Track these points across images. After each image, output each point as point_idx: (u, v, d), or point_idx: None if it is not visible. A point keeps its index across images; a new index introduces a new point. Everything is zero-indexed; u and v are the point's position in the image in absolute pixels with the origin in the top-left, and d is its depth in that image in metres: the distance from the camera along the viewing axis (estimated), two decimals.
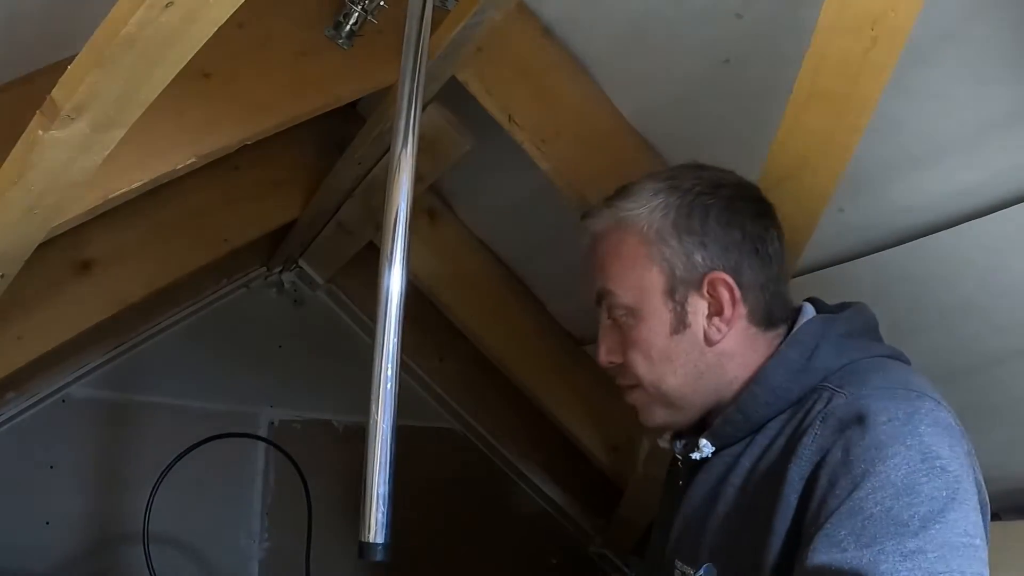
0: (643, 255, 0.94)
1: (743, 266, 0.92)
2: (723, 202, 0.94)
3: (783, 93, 0.94)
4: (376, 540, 0.84)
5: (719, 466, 0.92)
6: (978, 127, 0.96)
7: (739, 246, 0.93)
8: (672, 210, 0.94)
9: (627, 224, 0.96)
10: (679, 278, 0.93)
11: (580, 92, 1.30)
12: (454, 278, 1.84)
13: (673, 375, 0.94)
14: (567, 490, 2.24)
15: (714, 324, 0.92)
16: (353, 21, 1.28)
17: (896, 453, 0.73)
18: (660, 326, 0.93)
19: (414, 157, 0.92)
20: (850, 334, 0.90)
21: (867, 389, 0.80)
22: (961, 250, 1.04)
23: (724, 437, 0.92)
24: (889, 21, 0.80)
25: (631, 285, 0.95)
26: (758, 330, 0.93)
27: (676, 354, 0.93)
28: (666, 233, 0.93)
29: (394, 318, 0.87)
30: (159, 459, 1.81)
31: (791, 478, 0.79)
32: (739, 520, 0.86)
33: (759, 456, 0.87)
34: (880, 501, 0.71)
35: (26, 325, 1.45)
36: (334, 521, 1.78)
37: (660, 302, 0.93)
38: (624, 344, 0.97)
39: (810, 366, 0.87)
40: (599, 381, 1.93)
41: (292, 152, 1.77)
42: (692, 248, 0.92)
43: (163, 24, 0.67)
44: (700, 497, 0.93)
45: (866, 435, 0.75)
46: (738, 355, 0.93)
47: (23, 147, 0.82)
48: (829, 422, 0.79)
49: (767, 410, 0.88)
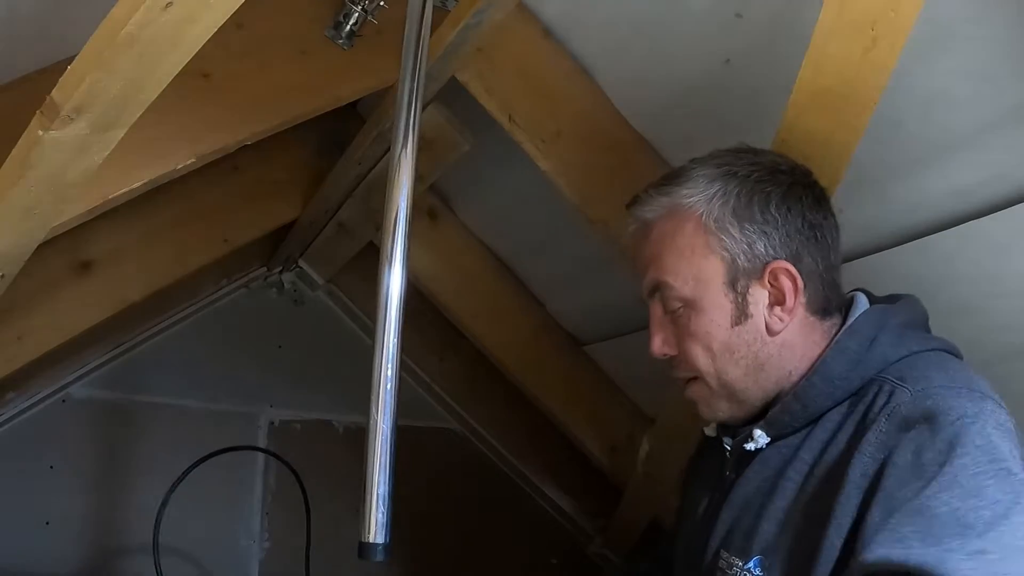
0: (702, 244, 0.90)
1: (803, 254, 0.90)
2: (783, 188, 0.91)
3: (783, 93, 0.94)
4: (376, 540, 0.84)
5: (775, 458, 0.90)
6: (978, 127, 0.96)
7: (800, 233, 0.90)
8: (732, 197, 0.90)
9: (683, 212, 0.92)
10: (741, 268, 0.89)
11: (580, 92, 1.30)
12: (454, 278, 1.84)
13: (735, 367, 0.91)
14: (567, 490, 2.24)
15: (776, 314, 0.90)
16: (353, 21, 1.28)
17: (965, 454, 0.72)
18: (721, 318, 0.90)
19: (414, 157, 0.92)
20: (907, 324, 0.89)
21: (932, 387, 0.79)
22: (961, 250, 1.04)
23: (781, 427, 0.89)
24: (889, 21, 0.80)
25: (690, 276, 0.91)
26: (816, 319, 0.91)
27: (738, 346, 0.90)
28: (726, 222, 0.90)
29: (394, 318, 0.87)
30: (159, 459, 1.82)
31: (852, 475, 0.78)
32: (799, 515, 0.84)
33: (820, 450, 0.85)
34: (947, 502, 0.71)
35: (26, 325, 1.45)
36: (334, 521, 1.78)
37: (721, 293, 0.90)
38: (681, 336, 0.93)
39: (869, 356, 0.86)
40: (599, 381, 1.93)
41: (292, 152, 1.78)
42: (754, 237, 0.89)
43: (163, 24, 0.67)
44: (754, 489, 0.91)
45: (936, 436, 0.74)
46: (798, 345, 0.90)
47: (23, 147, 0.81)
48: (894, 420, 0.78)
49: (826, 400, 0.86)
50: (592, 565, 2.19)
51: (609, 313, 1.76)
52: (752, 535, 0.88)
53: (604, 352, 1.89)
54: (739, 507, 0.92)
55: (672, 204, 0.93)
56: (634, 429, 1.85)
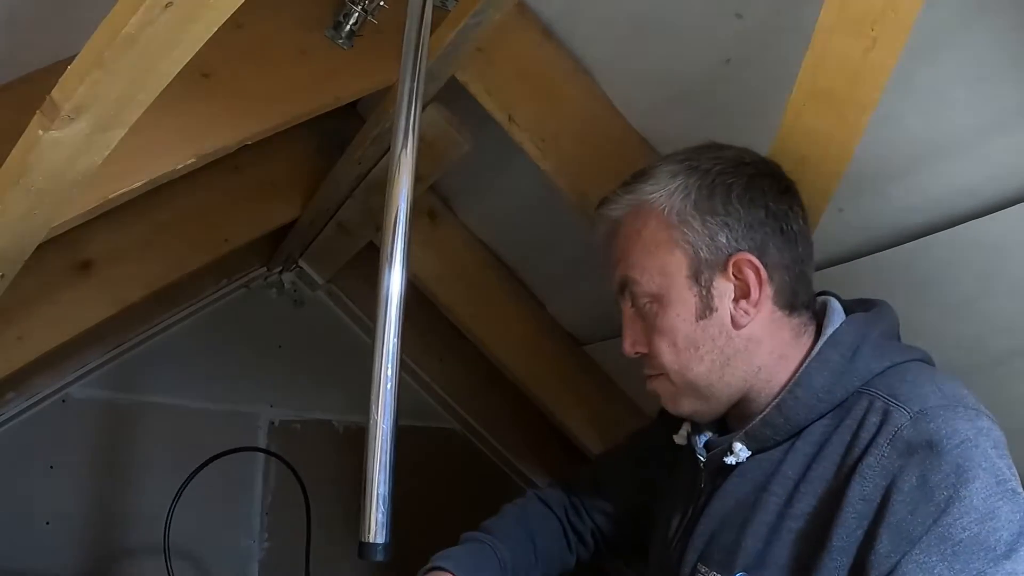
0: (665, 239, 0.91)
1: (768, 246, 0.90)
2: (745, 180, 0.91)
3: (783, 93, 0.94)
4: (376, 540, 0.84)
5: (755, 471, 0.89)
6: (978, 127, 0.96)
7: (763, 225, 0.90)
8: (693, 191, 0.90)
9: (646, 208, 0.92)
10: (704, 260, 0.90)
11: (580, 92, 1.30)
12: (454, 278, 1.84)
13: (699, 362, 0.90)
14: None
15: (741, 307, 0.89)
16: (353, 21, 1.28)
17: (976, 477, 0.73)
18: (686, 312, 0.90)
19: (414, 157, 0.91)
20: (886, 335, 0.89)
21: (930, 408, 0.78)
22: (961, 250, 1.04)
23: (762, 440, 0.89)
24: (889, 21, 0.80)
25: (654, 271, 0.92)
26: (783, 314, 0.91)
27: (703, 340, 0.90)
28: (688, 215, 0.90)
29: (394, 318, 0.87)
30: (159, 459, 1.82)
31: (851, 497, 0.78)
32: (785, 531, 0.83)
33: (806, 465, 0.84)
34: (967, 527, 0.71)
35: (26, 325, 1.45)
36: (334, 521, 1.78)
37: (685, 287, 0.90)
38: (649, 332, 0.94)
39: (852, 368, 0.85)
40: (599, 381, 1.93)
41: (292, 152, 1.78)
42: (715, 229, 0.89)
43: (163, 24, 0.67)
44: (734, 503, 0.90)
45: (941, 461, 0.74)
46: (765, 340, 0.90)
47: (23, 147, 0.81)
48: (897, 445, 0.77)
49: (809, 413, 0.86)
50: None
51: (609, 313, 1.75)
52: (735, 550, 0.86)
53: (604, 352, 1.89)
54: (718, 520, 0.91)
55: (636, 201, 0.93)
56: (634, 429, 1.84)
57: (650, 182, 0.93)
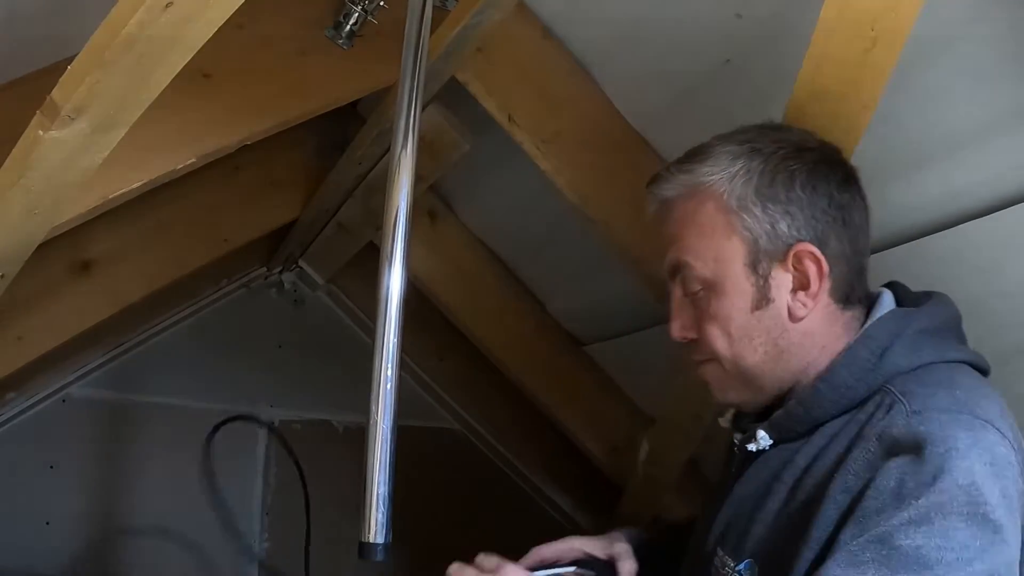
0: (722, 224, 0.87)
1: (830, 236, 0.86)
2: (808, 166, 0.86)
3: (783, 93, 0.94)
4: (376, 540, 0.84)
5: (775, 460, 0.87)
6: (978, 127, 0.96)
7: (825, 214, 0.86)
8: (755, 175, 0.86)
9: (704, 190, 0.88)
10: (762, 249, 0.86)
11: (580, 92, 1.30)
12: (454, 278, 1.84)
13: (753, 353, 0.87)
14: (567, 490, 2.24)
15: (799, 299, 0.86)
16: (353, 21, 1.28)
17: (944, 491, 0.69)
18: (741, 301, 0.87)
19: (414, 157, 0.92)
20: (927, 331, 0.84)
21: (929, 410, 0.75)
22: (961, 250, 1.04)
23: (783, 431, 0.87)
24: (889, 21, 0.80)
25: (709, 257, 0.88)
26: (838, 308, 0.87)
27: (757, 331, 0.87)
28: (748, 201, 0.86)
29: (394, 318, 0.87)
30: (159, 459, 1.82)
31: (833, 490, 0.76)
32: (784, 521, 0.82)
33: (813, 457, 0.82)
34: (913, 536, 0.68)
35: (26, 325, 1.45)
36: (334, 521, 1.79)
37: (742, 275, 0.86)
38: (700, 319, 0.90)
39: (880, 366, 0.82)
40: (599, 381, 1.93)
41: (292, 152, 1.77)
42: (777, 217, 0.85)
43: (163, 25, 0.67)
44: (753, 489, 0.88)
45: (922, 466, 0.71)
46: (819, 335, 0.87)
47: (23, 147, 0.82)
48: (884, 441, 0.75)
49: (830, 408, 0.83)
50: None
51: (609, 313, 1.76)
52: (745, 537, 0.86)
53: (604, 352, 1.89)
54: (737, 505, 0.91)
55: (693, 182, 0.89)
56: (634, 429, 1.85)
57: (708, 163, 0.88)
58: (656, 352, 1.67)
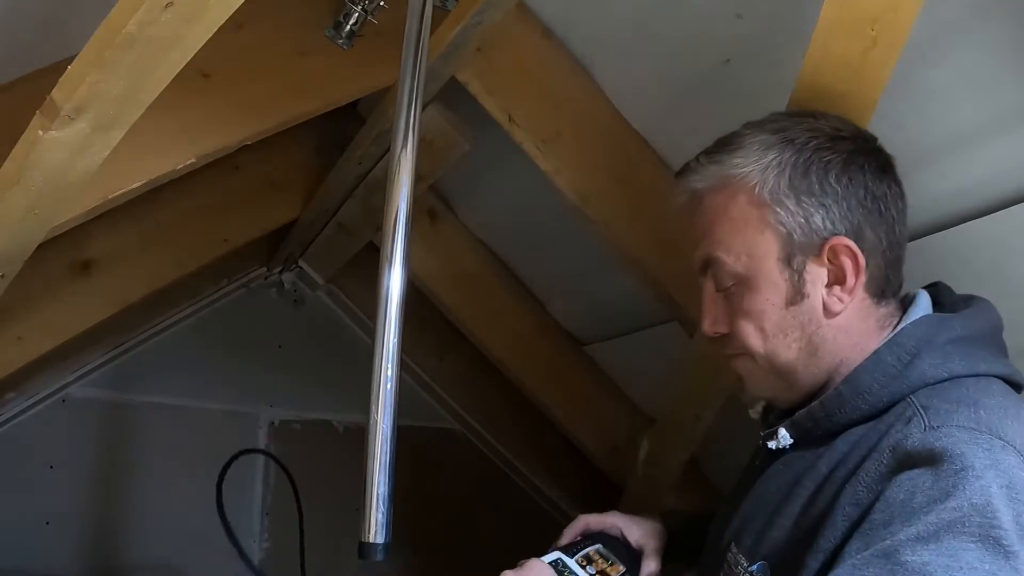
0: (755, 218, 0.84)
1: (865, 229, 0.83)
2: (844, 157, 0.83)
3: (783, 93, 0.94)
4: (376, 540, 0.84)
5: (799, 463, 0.85)
6: (978, 127, 0.96)
7: (861, 207, 0.83)
8: (788, 167, 0.83)
9: (736, 182, 0.85)
10: (797, 243, 0.83)
11: (580, 92, 1.30)
12: (454, 278, 1.84)
13: (787, 349, 0.85)
14: (567, 490, 2.24)
15: (834, 294, 0.83)
16: (353, 21, 1.28)
17: (956, 509, 0.66)
18: (775, 296, 0.84)
19: (414, 157, 0.92)
20: (960, 340, 0.80)
21: (949, 427, 0.72)
22: (961, 250, 1.04)
23: (803, 431, 0.85)
24: (889, 21, 0.80)
25: (741, 251, 0.85)
26: (872, 302, 0.84)
27: (792, 327, 0.84)
28: (782, 194, 0.83)
29: (394, 318, 0.87)
30: (159, 459, 1.82)
31: (843, 501, 0.74)
32: (801, 528, 0.80)
33: (835, 465, 0.80)
34: (920, 553, 0.65)
35: (26, 325, 1.45)
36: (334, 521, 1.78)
37: (775, 270, 0.83)
38: (733, 314, 0.87)
39: (905, 374, 0.79)
40: (599, 381, 1.93)
41: (292, 152, 1.78)
42: (811, 210, 0.82)
43: (163, 24, 0.67)
44: (774, 490, 0.86)
45: (935, 482, 0.68)
46: (853, 331, 0.84)
47: (23, 147, 0.82)
48: (897, 454, 0.73)
49: (852, 412, 0.81)
50: None
51: (609, 313, 1.76)
52: (761, 539, 0.84)
53: (604, 352, 1.89)
54: (756, 504, 0.89)
55: (724, 174, 0.86)
56: (634, 429, 1.85)
57: (739, 153, 0.85)
58: (656, 352, 1.67)
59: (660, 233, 1.33)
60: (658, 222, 1.33)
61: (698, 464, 1.87)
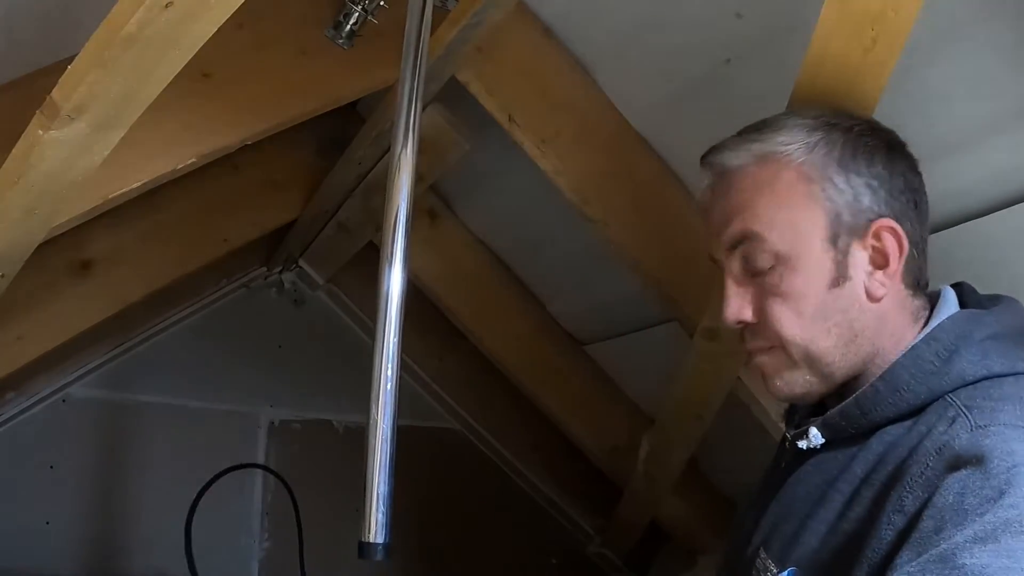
0: (803, 193, 0.81)
1: (904, 219, 0.81)
2: (886, 145, 0.82)
3: (783, 93, 0.94)
4: (376, 540, 0.84)
5: (831, 464, 0.82)
6: (978, 127, 0.96)
7: (903, 194, 0.82)
8: (836, 147, 0.81)
9: (781, 159, 0.82)
10: (844, 223, 0.80)
11: (580, 92, 1.30)
12: (454, 278, 1.84)
13: (826, 335, 0.81)
14: (567, 490, 2.24)
15: (877, 278, 0.80)
16: (353, 21, 1.28)
17: (1012, 506, 0.64)
18: (819, 277, 0.80)
19: (414, 157, 0.92)
20: (996, 337, 0.78)
21: (995, 425, 0.70)
22: (961, 250, 1.04)
23: (836, 430, 0.82)
24: (889, 21, 0.80)
25: (785, 227, 0.81)
26: (908, 293, 0.82)
27: (833, 311, 0.80)
28: (832, 171, 0.80)
29: (394, 318, 0.87)
30: (159, 459, 1.82)
31: (889, 508, 0.71)
32: (837, 534, 0.77)
33: (872, 466, 0.77)
34: (978, 555, 0.62)
35: (26, 325, 1.45)
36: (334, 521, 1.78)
37: (820, 249, 0.80)
38: (766, 298, 0.83)
39: (945, 370, 0.76)
40: (599, 381, 1.94)
41: (292, 152, 1.77)
42: (861, 190, 0.80)
43: (163, 24, 0.67)
44: (805, 493, 0.83)
45: (986, 482, 0.65)
46: (890, 320, 0.81)
47: (23, 147, 0.82)
48: (944, 456, 0.69)
49: (888, 409, 0.78)
50: (591, 565, 2.19)
51: (609, 313, 1.76)
52: (792, 544, 0.81)
53: (604, 352, 1.89)
54: (786, 507, 0.86)
55: (766, 151, 0.83)
56: (634, 429, 1.85)
57: (783, 133, 0.83)
58: (656, 352, 1.67)
59: (660, 233, 1.33)
60: (658, 222, 1.33)
61: (698, 464, 1.87)
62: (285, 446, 1.99)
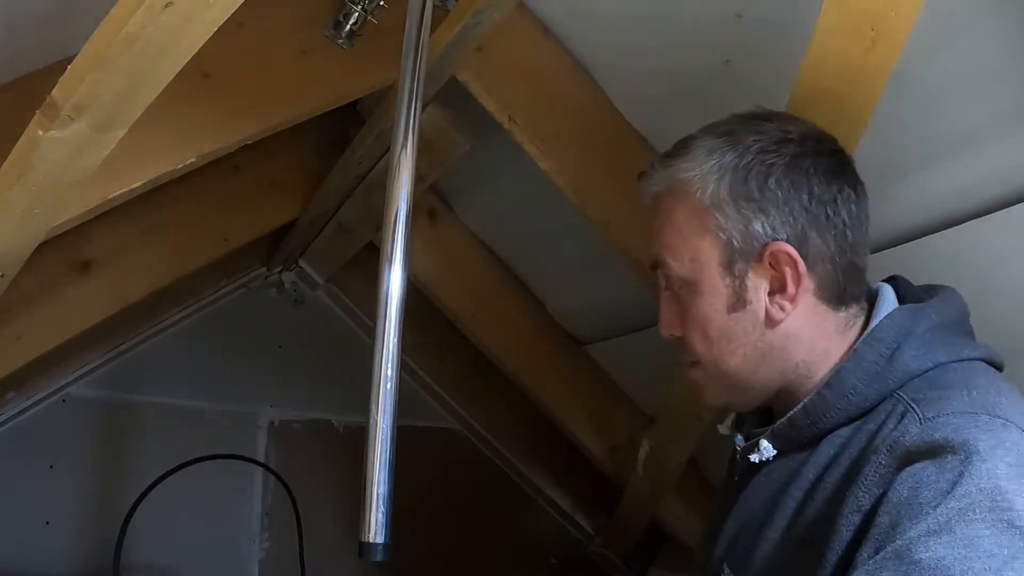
0: (696, 224, 0.84)
1: (810, 235, 0.81)
2: (787, 160, 0.82)
3: (783, 93, 0.94)
4: (376, 540, 0.84)
5: (781, 472, 0.83)
6: (978, 127, 0.96)
7: (805, 212, 0.81)
8: (728, 172, 0.83)
9: (681, 188, 0.85)
10: (737, 250, 0.82)
11: (580, 92, 1.30)
12: (454, 278, 1.84)
13: (732, 356, 0.84)
14: (567, 490, 2.24)
15: (776, 302, 0.82)
16: (353, 21, 1.28)
17: (965, 495, 0.64)
18: (717, 302, 0.84)
19: (414, 157, 0.92)
20: (938, 328, 0.79)
21: (944, 415, 0.70)
22: (961, 250, 1.04)
23: (787, 440, 0.83)
24: (889, 21, 0.80)
25: (685, 256, 0.85)
26: (828, 308, 0.83)
27: (735, 333, 0.84)
28: (721, 200, 0.82)
29: (394, 318, 0.87)
30: (159, 459, 1.81)
31: (845, 511, 0.72)
32: (794, 540, 0.78)
33: (823, 469, 0.78)
34: (933, 548, 0.63)
35: (26, 325, 1.45)
36: (334, 521, 1.79)
37: (716, 276, 0.84)
38: (683, 317, 0.88)
39: (889, 368, 0.77)
40: (599, 381, 1.93)
41: (292, 152, 1.78)
42: (750, 216, 0.82)
43: (163, 24, 0.67)
44: (759, 503, 0.85)
45: (940, 474, 0.66)
46: (804, 336, 0.83)
47: (23, 147, 0.82)
48: (896, 453, 0.70)
49: (838, 416, 0.79)
50: (591, 565, 2.19)
51: (609, 313, 1.76)
52: (750, 555, 0.82)
53: (604, 352, 1.89)
54: (743, 520, 0.87)
55: (672, 179, 0.87)
56: (634, 429, 1.85)
57: (687, 158, 0.86)
58: (656, 352, 1.67)
59: None
60: None
61: (698, 464, 1.87)
62: (285, 446, 1.99)
